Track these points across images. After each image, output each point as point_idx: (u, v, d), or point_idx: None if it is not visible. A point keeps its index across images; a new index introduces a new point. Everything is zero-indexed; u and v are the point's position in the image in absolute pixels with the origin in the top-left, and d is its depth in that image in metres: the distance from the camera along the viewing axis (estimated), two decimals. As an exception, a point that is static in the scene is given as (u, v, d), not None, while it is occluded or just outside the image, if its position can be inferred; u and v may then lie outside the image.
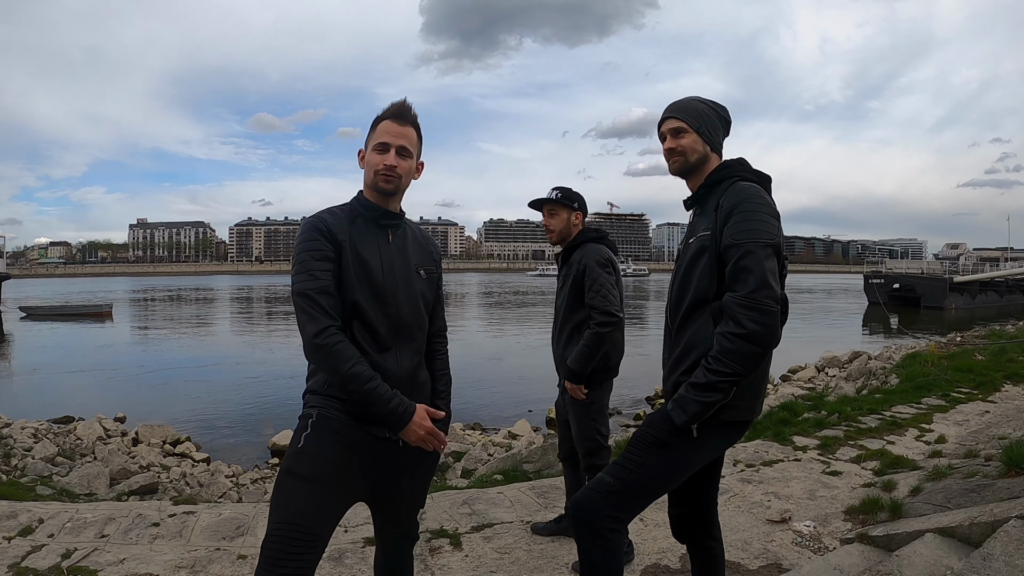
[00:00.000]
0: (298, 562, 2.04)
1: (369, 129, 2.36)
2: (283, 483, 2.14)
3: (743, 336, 2.13)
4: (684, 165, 2.46)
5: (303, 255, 2.19)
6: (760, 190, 2.32)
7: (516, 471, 6.49)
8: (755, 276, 2.15)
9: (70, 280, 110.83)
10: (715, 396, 2.18)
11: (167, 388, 17.42)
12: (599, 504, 2.31)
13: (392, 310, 2.28)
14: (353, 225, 2.27)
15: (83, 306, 41.14)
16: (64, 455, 9.33)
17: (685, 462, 2.34)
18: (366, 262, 2.24)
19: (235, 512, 4.59)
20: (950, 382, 9.02)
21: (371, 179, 2.31)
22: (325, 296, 2.15)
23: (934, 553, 3.13)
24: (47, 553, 3.83)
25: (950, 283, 41.15)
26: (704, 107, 2.48)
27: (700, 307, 2.33)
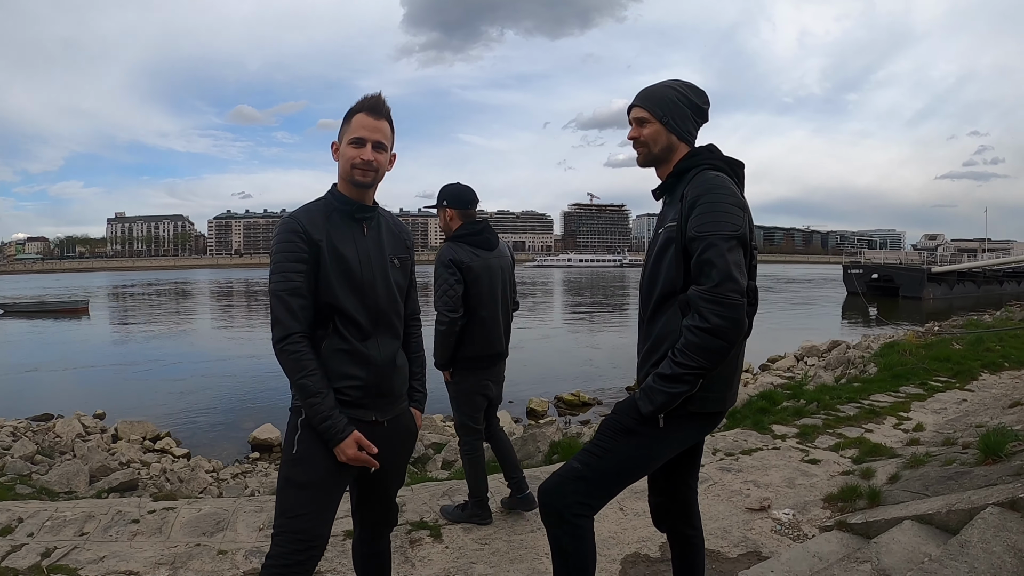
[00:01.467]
0: (303, 565, 2.24)
1: (343, 122, 2.39)
2: (284, 491, 2.30)
3: (707, 330, 2.12)
4: (648, 156, 2.45)
5: (278, 256, 2.27)
6: (725, 180, 2.29)
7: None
8: (718, 270, 2.12)
9: (48, 276, 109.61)
10: (681, 388, 2.17)
11: (146, 384, 17.31)
12: (566, 490, 2.31)
13: (371, 301, 2.36)
14: (329, 221, 2.33)
15: (60, 302, 40.56)
16: (43, 453, 9.27)
17: (652, 451, 2.34)
18: (344, 257, 2.31)
19: (215, 507, 4.57)
20: (928, 371, 9.13)
21: (347, 172, 2.35)
22: (295, 298, 2.24)
23: (912, 540, 3.17)
24: (27, 552, 3.79)
25: (928, 273, 41.59)
26: (673, 94, 2.43)
27: (669, 299, 2.32)
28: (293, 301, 2.24)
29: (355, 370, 2.33)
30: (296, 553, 2.21)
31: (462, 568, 3.69)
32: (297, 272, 2.25)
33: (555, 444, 6.72)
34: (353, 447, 2.24)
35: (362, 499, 2.57)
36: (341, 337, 2.31)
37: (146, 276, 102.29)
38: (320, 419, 2.22)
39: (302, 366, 2.22)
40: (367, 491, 2.54)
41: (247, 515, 4.40)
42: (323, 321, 2.31)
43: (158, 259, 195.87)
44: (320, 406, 2.21)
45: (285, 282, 2.24)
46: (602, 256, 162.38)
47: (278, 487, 2.34)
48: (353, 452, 2.25)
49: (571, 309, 41.79)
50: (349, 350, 2.32)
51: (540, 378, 17.11)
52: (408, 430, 2.56)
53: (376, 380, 2.38)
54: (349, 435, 2.24)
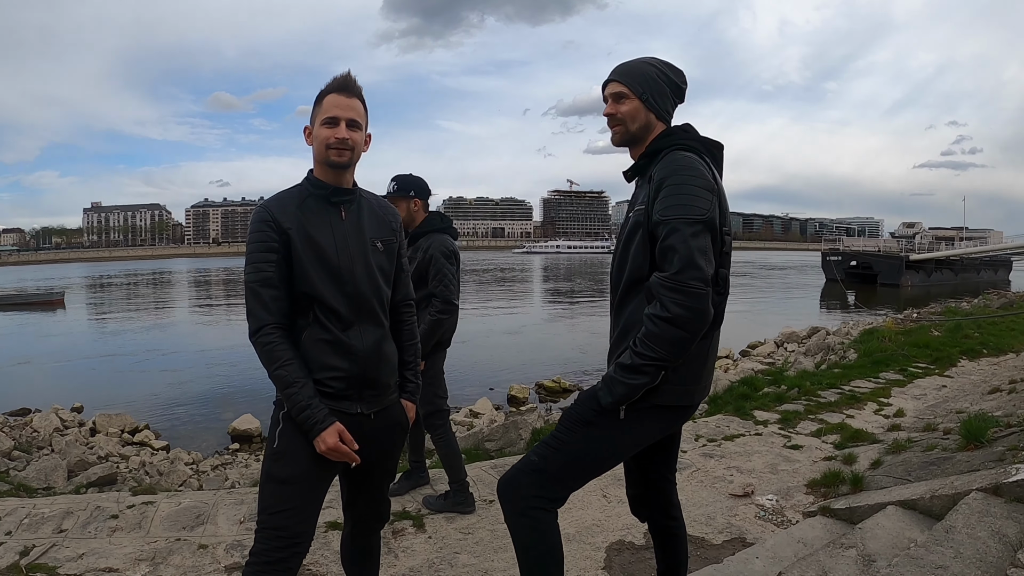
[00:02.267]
0: (286, 563, 2.19)
1: (314, 104, 2.34)
2: (265, 486, 2.25)
3: (668, 320, 2.02)
4: (624, 135, 2.32)
5: (250, 247, 2.24)
6: (692, 160, 2.16)
7: (478, 449, 6.52)
8: (680, 256, 2.02)
9: (24, 268, 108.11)
10: (641, 379, 2.08)
11: (124, 376, 17.16)
12: (522, 482, 2.25)
13: (350, 288, 2.28)
14: (302, 207, 2.28)
15: (35, 295, 40.01)
16: (21, 449, 9.11)
17: (612, 444, 2.25)
18: (317, 244, 2.25)
19: (195, 501, 4.51)
20: (907, 357, 9.22)
21: (322, 154, 2.29)
22: (267, 289, 2.21)
23: (896, 525, 3.18)
24: (4, 551, 3.71)
25: (906, 261, 41.95)
26: (653, 71, 2.32)
27: (637, 285, 2.22)
28: (265, 292, 2.20)
29: (337, 360, 2.25)
30: (279, 550, 2.17)
31: (446, 558, 3.67)
32: (268, 262, 2.20)
33: (537, 431, 6.72)
34: (334, 437, 2.17)
35: (351, 495, 2.51)
36: (322, 327, 2.25)
37: (123, 266, 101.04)
38: (298, 409, 2.16)
39: (276, 357, 2.18)
40: (356, 487, 2.48)
41: (228, 508, 4.34)
42: (303, 311, 2.26)
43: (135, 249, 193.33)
44: (297, 396, 2.15)
45: (257, 273, 2.20)
46: (590, 243, 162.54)
47: (260, 482, 2.29)
48: (333, 442, 2.17)
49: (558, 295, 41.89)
50: (330, 340, 2.25)
51: (521, 365, 17.19)
52: (397, 423, 2.47)
53: (360, 371, 2.29)
54: (330, 425, 2.17)
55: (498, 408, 12.35)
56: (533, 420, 7.01)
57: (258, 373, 2.34)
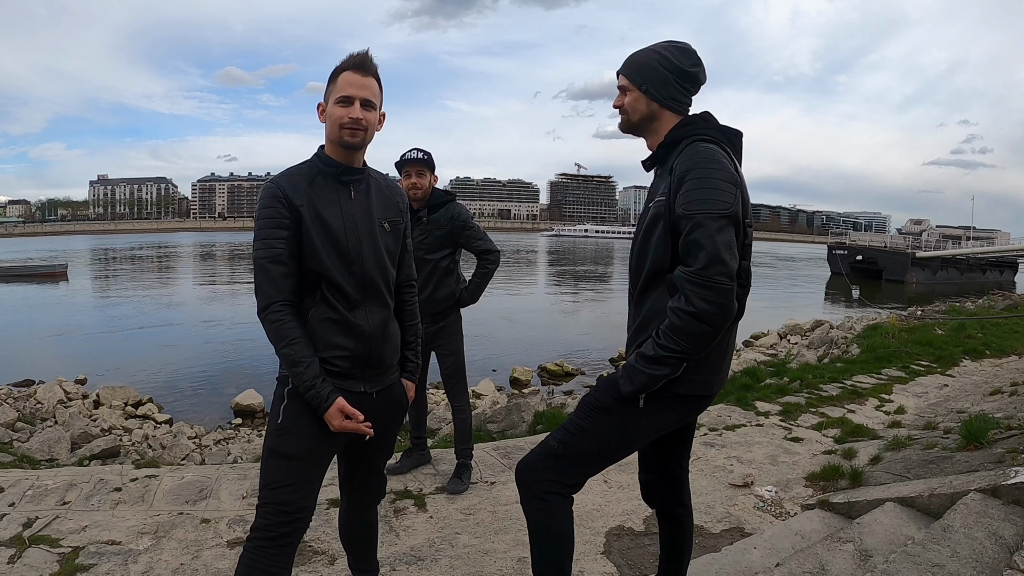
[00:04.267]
0: (288, 537, 2.21)
1: (328, 81, 2.31)
2: (268, 461, 2.25)
3: (692, 314, 2.03)
4: (627, 124, 2.37)
5: (260, 222, 2.22)
6: (716, 152, 2.16)
7: (480, 431, 6.51)
8: (706, 252, 2.02)
9: (29, 239, 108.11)
10: (662, 370, 2.10)
11: (128, 349, 17.14)
12: (539, 467, 2.29)
13: (357, 268, 2.29)
14: (312, 185, 2.27)
15: (38, 266, 39.99)
16: (24, 420, 9.10)
17: (631, 432, 2.27)
18: (327, 223, 2.24)
19: (198, 475, 4.54)
20: (910, 355, 9.19)
21: (335, 134, 2.27)
22: (277, 265, 2.20)
23: (894, 522, 3.20)
24: (8, 523, 3.74)
25: (912, 258, 41.76)
26: (655, 59, 2.30)
27: (658, 277, 2.23)
28: (275, 269, 2.19)
29: (343, 340, 2.27)
30: (281, 525, 2.18)
31: (447, 538, 3.70)
32: (278, 239, 2.19)
33: (539, 414, 6.73)
34: (339, 416, 2.19)
35: (349, 471, 2.55)
36: (329, 306, 2.26)
37: (129, 239, 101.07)
38: (305, 388, 2.17)
39: (284, 334, 2.18)
40: (354, 463, 2.52)
41: (230, 483, 4.37)
42: (310, 289, 2.27)
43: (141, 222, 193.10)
44: (304, 375, 2.16)
45: (267, 249, 2.19)
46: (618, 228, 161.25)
47: (263, 457, 2.29)
48: (339, 422, 2.20)
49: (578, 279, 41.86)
50: (337, 319, 2.26)
51: (524, 347, 17.21)
52: (398, 402, 2.50)
53: (365, 350, 2.32)
54: (333, 403, 2.18)
55: (500, 390, 12.35)
56: (536, 403, 7.00)
57: (261, 349, 2.36)
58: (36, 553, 3.43)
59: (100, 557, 3.42)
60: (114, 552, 3.48)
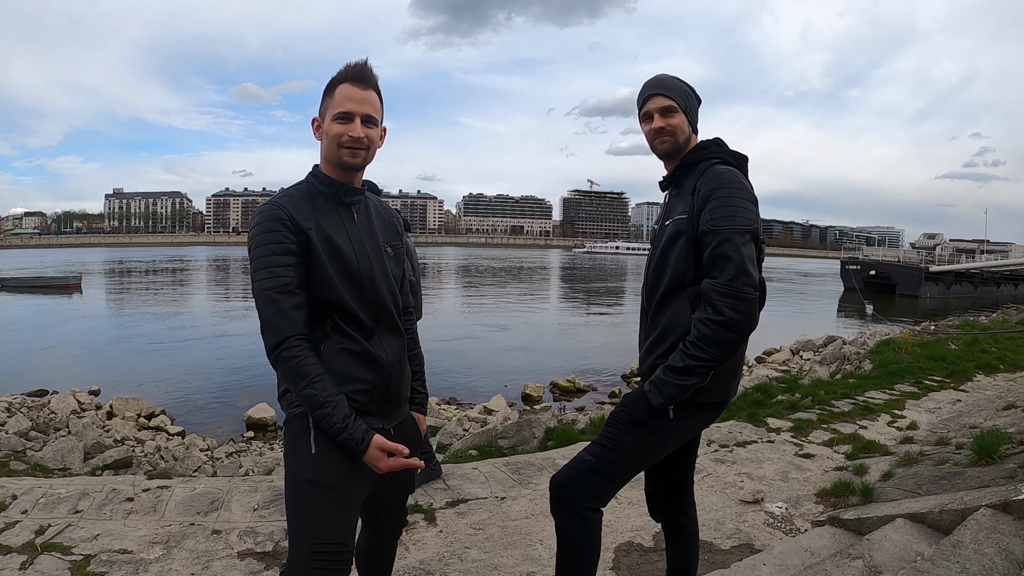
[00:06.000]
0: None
1: (324, 94, 2.12)
2: (310, 496, 1.95)
3: (721, 323, 2.14)
4: (673, 146, 2.41)
5: (262, 248, 1.98)
6: (738, 174, 2.30)
7: (491, 447, 6.52)
8: (734, 264, 2.14)
9: (45, 251, 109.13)
10: (692, 380, 2.20)
11: (141, 361, 17.24)
12: (578, 483, 2.33)
13: (371, 295, 2.11)
14: (315, 207, 2.07)
15: (52, 278, 40.38)
16: (38, 429, 9.21)
17: (662, 441, 2.37)
18: (338, 246, 2.05)
19: (209, 487, 4.57)
20: (923, 370, 9.11)
21: (333, 153, 2.08)
22: (287, 296, 1.95)
23: (904, 538, 3.19)
24: (20, 530, 3.78)
25: (925, 272, 41.54)
26: (685, 86, 2.45)
27: (677, 291, 2.33)
28: (284, 300, 1.94)
29: (362, 372, 2.07)
30: (337, 571, 1.90)
31: (456, 553, 3.71)
32: (285, 266, 1.96)
33: (550, 430, 6.71)
34: (382, 456, 1.98)
35: (372, 505, 2.30)
36: (344, 335, 2.05)
37: (143, 253, 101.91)
38: (336, 431, 1.92)
39: (304, 373, 1.92)
40: (376, 503, 2.29)
41: (241, 495, 4.40)
42: (319, 320, 2.04)
43: (155, 236, 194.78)
44: (333, 416, 1.92)
45: (273, 279, 1.95)
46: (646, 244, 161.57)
47: (295, 496, 1.98)
48: (385, 464, 1.99)
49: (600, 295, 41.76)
50: (355, 350, 2.06)
51: (536, 364, 17.19)
52: (412, 436, 2.29)
53: (384, 382, 2.13)
54: (370, 443, 1.96)
55: (512, 405, 12.38)
56: (547, 419, 7.00)
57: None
58: (48, 560, 3.47)
59: (111, 565, 3.46)
60: (125, 561, 3.51)
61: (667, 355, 2.30)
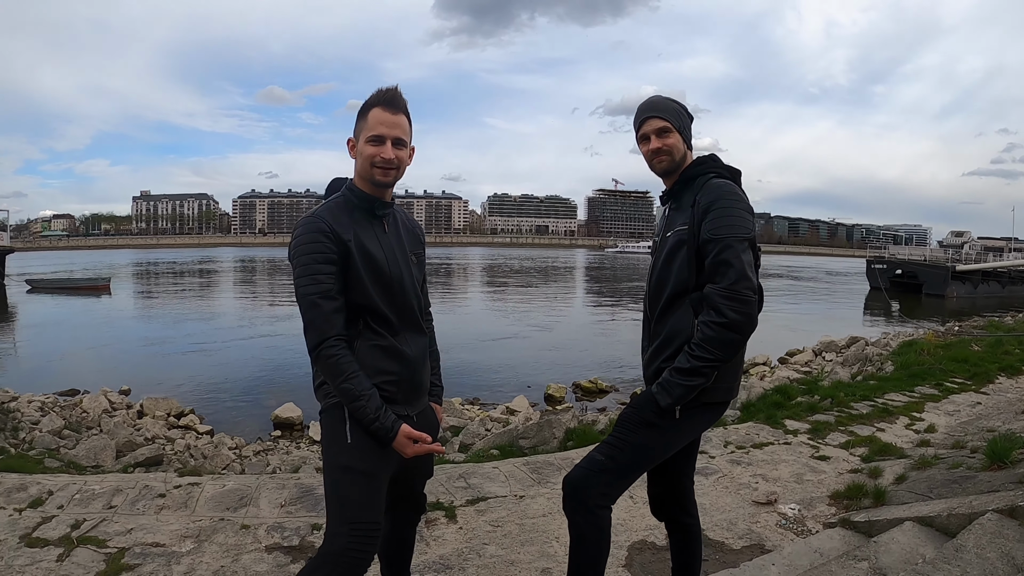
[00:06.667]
0: (369, 556, 2.22)
1: (358, 117, 2.33)
2: (346, 481, 2.22)
3: (724, 325, 2.28)
4: (670, 164, 2.56)
5: (304, 257, 2.20)
6: (734, 186, 2.45)
7: (512, 446, 6.62)
8: (735, 269, 2.29)
9: (73, 253, 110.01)
10: (698, 380, 2.33)
11: (169, 361, 17.52)
12: (590, 482, 2.46)
13: (400, 299, 2.36)
14: (352, 219, 2.29)
15: (82, 280, 40.91)
16: (71, 428, 9.41)
17: (669, 440, 2.49)
18: (373, 255, 2.28)
19: (238, 484, 4.72)
20: (944, 372, 9.06)
21: (367, 171, 2.30)
22: (328, 301, 2.19)
23: (911, 541, 3.24)
24: (57, 524, 3.94)
25: (952, 271, 40.95)
26: (676, 106, 2.59)
27: (680, 298, 2.46)
28: (326, 304, 2.18)
29: (391, 365, 2.31)
30: (367, 545, 2.20)
31: (475, 548, 3.82)
32: (327, 274, 2.19)
33: (570, 431, 6.80)
34: (408, 443, 2.21)
35: (393, 493, 2.51)
36: (374, 332, 2.29)
37: (170, 254, 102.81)
38: (368, 421, 2.17)
39: (342, 370, 2.16)
40: (397, 485, 2.51)
41: (269, 492, 4.54)
42: (353, 320, 2.27)
43: (182, 237, 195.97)
44: (366, 408, 2.16)
45: (316, 284, 2.18)
46: None
47: (333, 480, 2.26)
48: (412, 449, 2.22)
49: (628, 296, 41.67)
50: (385, 346, 2.31)
51: (561, 364, 17.26)
52: (431, 424, 2.56)
53: (410, 374, 2.38)
54: (398, 431, 2.20)
55: (534, 406, 12.48)
56: (567, 420, 7.08)
57: (300, 363, 2.44)
58: (84, 552, 3.63)
59: (145, 558, 3.61)
60: (158, 553, 3.66)
61: (672, 358, 2.42)
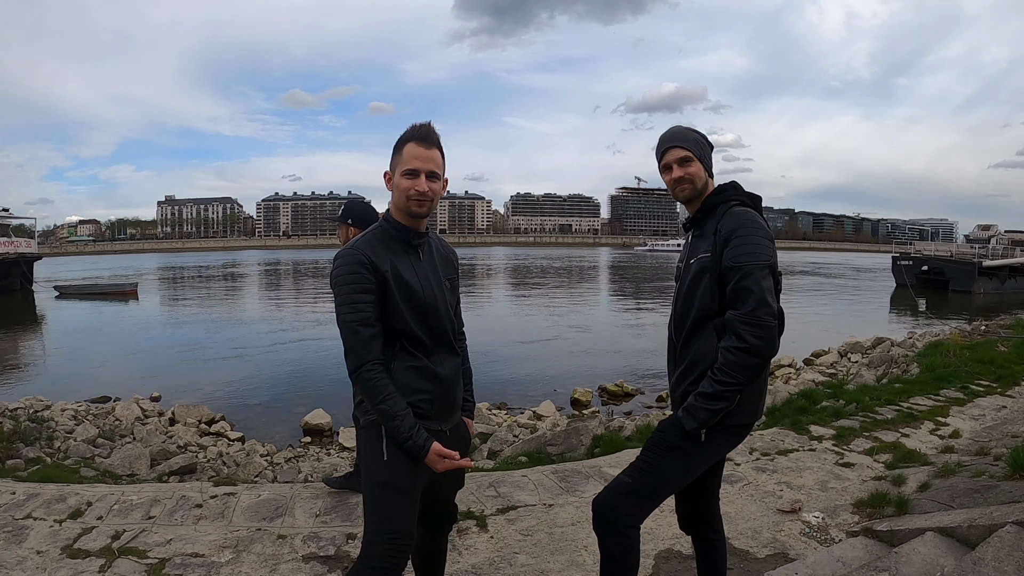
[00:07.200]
0: (402, 565, 2.41)
1: (393, 152, 2.49)
2: (383, 498, 2.41)
3: (745, 350, 2.36)
4: (692, 192, 2.66)
5: (344, 287, 2.38)
6: (755, 214, 2.54)
7: (540, 453, 6.70)
8: (755, 296, 2.37)
9: (100, 257, 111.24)
10: (721, 404, 2.42)
11: (198, 367, 17.63)
12: (619, 503, 2.55)
13: (434, 323, 2.50)
14: (389, 250, 2.45)
15: (110, 285, 41.26)
16: (104, 436, 9.52)
17: (694, 463, 2.58)
18: (408, 284, 2.42)
19: (274, 493, 4.84)
20: (970, 374, 8.99)
21: (403, 203, 2.45)
22: (367, 328, 2.36)
23: (932, 552, 3.27)
24: (97, 535, 4.08)
25: (979, 267, 40.37)
26: (696, 135, 2.69)
27: (703, 323, 2.56)
28: (365, 331, 2.34)
29: (425, 384, 2.46)
30: (400, 556, 2.39)
31: (505, 558, 3.92)
32: (366, 303, 2.35)
33: (597, 438, 6.83)
34: (439, 460, 2.36)
35: (426, 501, 2.68)
36: (409, 354, 2.44)
37: (196, 257, 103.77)
38: (402, 439, 2.33)
39: (379, 391, 2.33)
40: (430, 496, 2.65)
41: (304, 501, 4.66)
42: (390, 343, 2.42)
43: (207, 240, 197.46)
44: (401, 427, 2.32)
45: (355, 312, 2.34)
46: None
47: (372, 495, 2.43)
48: (443, 465, 2.37)
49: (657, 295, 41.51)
50: (419, 367, 2.45)
51: (586, 366, 17.23)
52: (463, 438, 2.71)
53: (443, 393, 2.52)
54: (430, 449, 2.35)
55: (560, 410, 12.47)
56: (594, 426, 7.12)
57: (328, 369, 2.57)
58: (125, 563, 3.75)
59: (185, 568, 3.73)
60: (198, 564, 3.78)
61: (697, 383, 2.51)
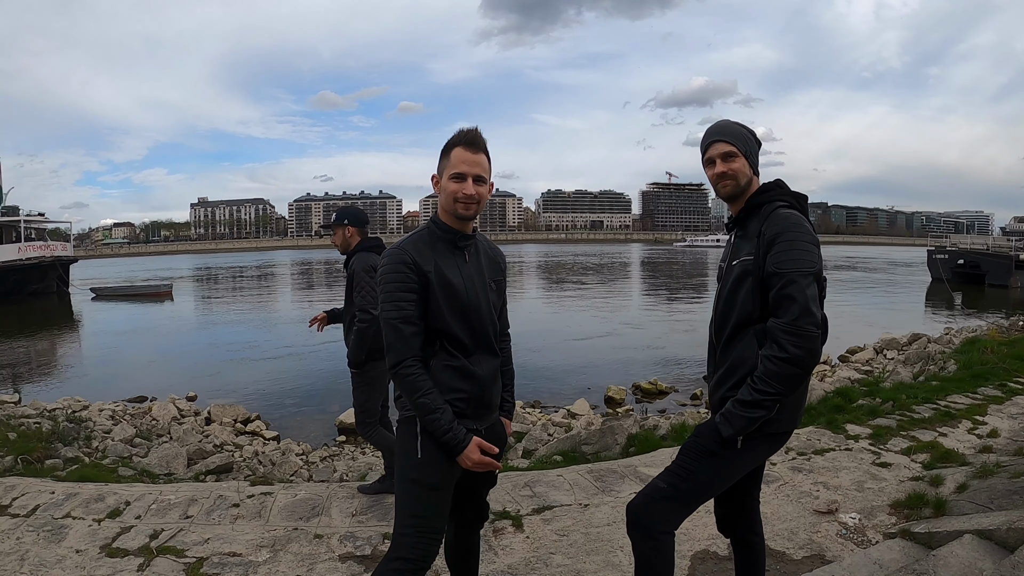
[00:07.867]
0: (431, 560, 2.47)
1: (441, 155, 2.53)
2: (413, 493, 2.48)
3: (786, 360, 2.31)
4: (735, 189, 2.59)
5: (388, 286, 2.43)
6: (800, 217, 2.46)
7: (575, 452, 6.69)
8: (798, 304, 2.31)
9: (135, 259, 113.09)
10: (760, 412, 2.38)
11: (232, 366, 17.85)
12: (654, 509, 2.54)
13: (475, 323, 2.53)
14: (434, 251, 2.49)
15: (144, 286, 41.86)
16: (142, 436, 9.63)
17: (731, 470, 2.55)
18: (451, 285, 2.47)
19: (310, 493, 4.90)
20: (1008, 371, 8.84)
21: (451, 206, 2.49)
22: (408, 325, 2.41)
23: (970, 555, 3.23)
24: (136, 534, 4.16)
25: (1016, 260, 39.54)
26: (744, 130, 2.61)
27: (744, 327, 2.52)
28: (406, 328, 2.40)
29: (462, 384, 2.50)
30: (431, 548, 2.45)
31: (541, 558, 3.92)
32: (408, 301, 2.40)
33: (632, 437, 6.80)
34: (476, 452, 2.41)
35: (459, 499, 2.74)
36: (448, 354, 2.48)
37: (229, 258, 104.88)
38: (441, 432, 2.38)
39: (418, 387, 2.38)
40: (464, 492, 2.72)
41: (340, 501, 4.71)
42: (430, 341, 2.47)
43: (240, 241, 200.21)
44: (440, 421, 2.38)
45: (397, 311, 2.40)
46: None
47: (403, 490, 2.50)
48: (477, 456, 2.42)
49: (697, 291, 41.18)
50: (457, 366, 2.49)
51: (620, 363, 17.18)
52: (499, 437, 2.71)
53: (480, 393, 2.55)
54: (470, 442, 2.41)
55: (595, 408, 12.41)
56: (629, 425, 7.08)
57: None
58: (164, 562, 3.83)
59: (223, 568, 3.78)
60: (235, 563, 3.84)
61: (736, 388, 2.48)
